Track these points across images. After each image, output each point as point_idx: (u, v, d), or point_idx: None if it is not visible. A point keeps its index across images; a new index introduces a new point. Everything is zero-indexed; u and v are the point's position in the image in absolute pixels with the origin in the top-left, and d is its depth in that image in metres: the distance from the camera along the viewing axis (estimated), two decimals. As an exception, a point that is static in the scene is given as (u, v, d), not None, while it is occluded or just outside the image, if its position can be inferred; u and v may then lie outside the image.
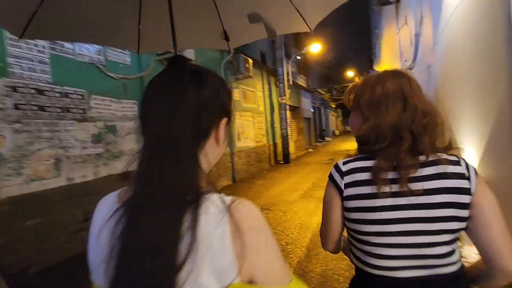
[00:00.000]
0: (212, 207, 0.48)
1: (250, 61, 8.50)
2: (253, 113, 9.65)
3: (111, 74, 3.98)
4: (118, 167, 3.97)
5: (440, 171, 0.73)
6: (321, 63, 28.05)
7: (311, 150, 16.47)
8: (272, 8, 1.56)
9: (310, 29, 1.66)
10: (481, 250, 0.75)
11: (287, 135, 11.47)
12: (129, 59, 4.34)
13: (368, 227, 0.77)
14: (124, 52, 4.23)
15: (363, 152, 0.82)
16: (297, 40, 18.53)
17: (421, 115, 0.75)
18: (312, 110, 20.95)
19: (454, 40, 2.65)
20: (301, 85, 17.39)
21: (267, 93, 11.22)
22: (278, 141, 11.72)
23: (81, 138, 3.51)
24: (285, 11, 1.54)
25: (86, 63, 3.67)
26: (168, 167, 0.48)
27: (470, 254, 2.56)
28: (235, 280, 0.46)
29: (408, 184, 0.73)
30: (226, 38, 1.72)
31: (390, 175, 0.75)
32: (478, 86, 2.22)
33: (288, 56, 13.79)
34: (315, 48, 13.57)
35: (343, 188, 0.81)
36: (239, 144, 8.33)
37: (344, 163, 0.83)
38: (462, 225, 0.74)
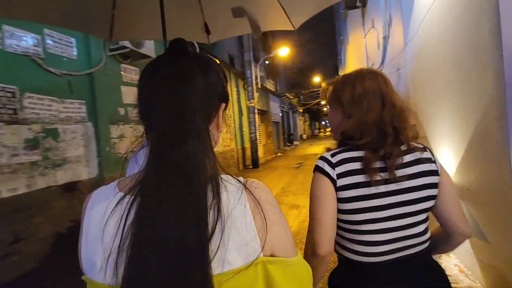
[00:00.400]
0: (230, 185, 0.49)
1: (218, 62, 8.16)
2: (221, 117, 9.30)
3: (51, 69, 3.41)
4: (60, 177, 3.40)
5: (417, 158, 0.83)
6: (289, 68, 28.47)
7: (280, 154, 16.44)
8: (257, 3, 1.52)
9: (294, 28, 1.63)
10: (443, 220, 0.87)
11: (256, 139, 11.29)
12: (76, 53, 3.78)
13: (360, 215, 0.81)
14: (69, 44, 3.68)
15: (348, 145, 0.85)
16: (265, 44, 18.54)
17: (399, 110, 0.83)
18: (281, 114, 21.05)
19: (431, 39, 2.53)
20: (270, 89, 17.35)
21: (235, 96, 10.94)
22: (247, 145, 11.48)
23: (10, 143, 2.92)
24: (270, 7, 1.52)
25: (18, 55, 3.08)
26: (186, 149, 0.47)
27: (449, 265, 2.45)
28: (259, 255, 0.46)
29: (395, 171, 0.79)
30: (207, 31, 1.64)
31: (378, 164, 0.80)
32: (459, 85, 2.09)
33: (256, 59, 13.64)
34: (283, 51, 13.62)
35: (335, 178, 0.82)
36: (206, 149, 7.91)
37: (332, 155, 0.85)
38: (433, 202, 0.84)
